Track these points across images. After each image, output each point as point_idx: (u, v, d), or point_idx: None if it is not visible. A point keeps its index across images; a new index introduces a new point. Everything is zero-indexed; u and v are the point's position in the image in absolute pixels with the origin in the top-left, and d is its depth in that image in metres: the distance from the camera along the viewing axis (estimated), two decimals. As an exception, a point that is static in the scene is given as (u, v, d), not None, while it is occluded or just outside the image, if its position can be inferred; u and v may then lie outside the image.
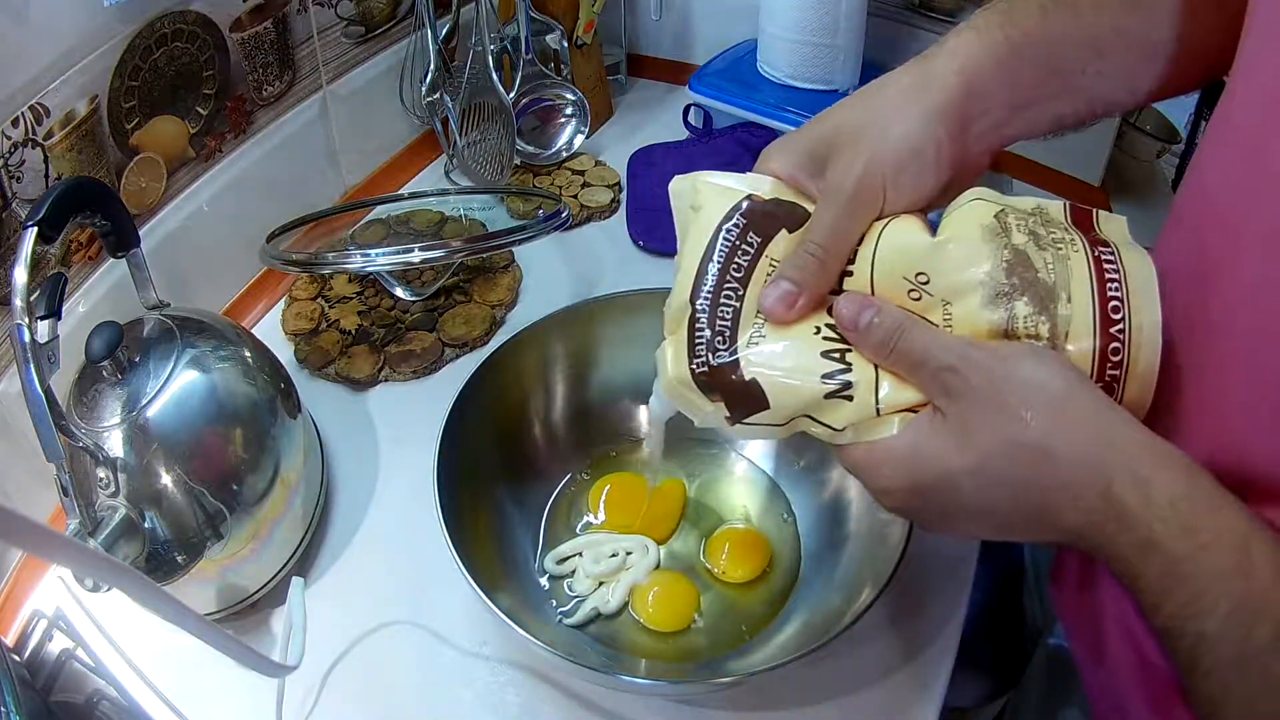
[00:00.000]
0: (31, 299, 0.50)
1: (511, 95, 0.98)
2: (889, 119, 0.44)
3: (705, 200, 0.47)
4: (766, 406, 0.43)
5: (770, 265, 0.45)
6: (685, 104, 1.08)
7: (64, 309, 0.52)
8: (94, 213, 0.58)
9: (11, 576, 0.66)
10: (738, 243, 0.45)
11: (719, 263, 0.45)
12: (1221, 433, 0.39)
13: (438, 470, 0.58)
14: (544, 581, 0.64)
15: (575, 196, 1.01)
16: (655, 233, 0.96)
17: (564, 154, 1.06)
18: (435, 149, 1.08)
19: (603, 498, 0.68)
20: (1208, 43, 0.47)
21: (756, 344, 0.43)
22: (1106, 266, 0.40)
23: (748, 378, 0.42)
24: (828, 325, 0.43)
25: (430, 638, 0.62)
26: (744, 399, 0.43)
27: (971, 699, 0.79)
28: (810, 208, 0.46)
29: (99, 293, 0.72)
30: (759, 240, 0.45)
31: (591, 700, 0.58)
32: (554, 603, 0.63)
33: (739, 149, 1.03)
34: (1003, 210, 0.42)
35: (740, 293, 0.44)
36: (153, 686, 0.59)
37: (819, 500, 0.67)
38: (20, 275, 0.50)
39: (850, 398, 0.41)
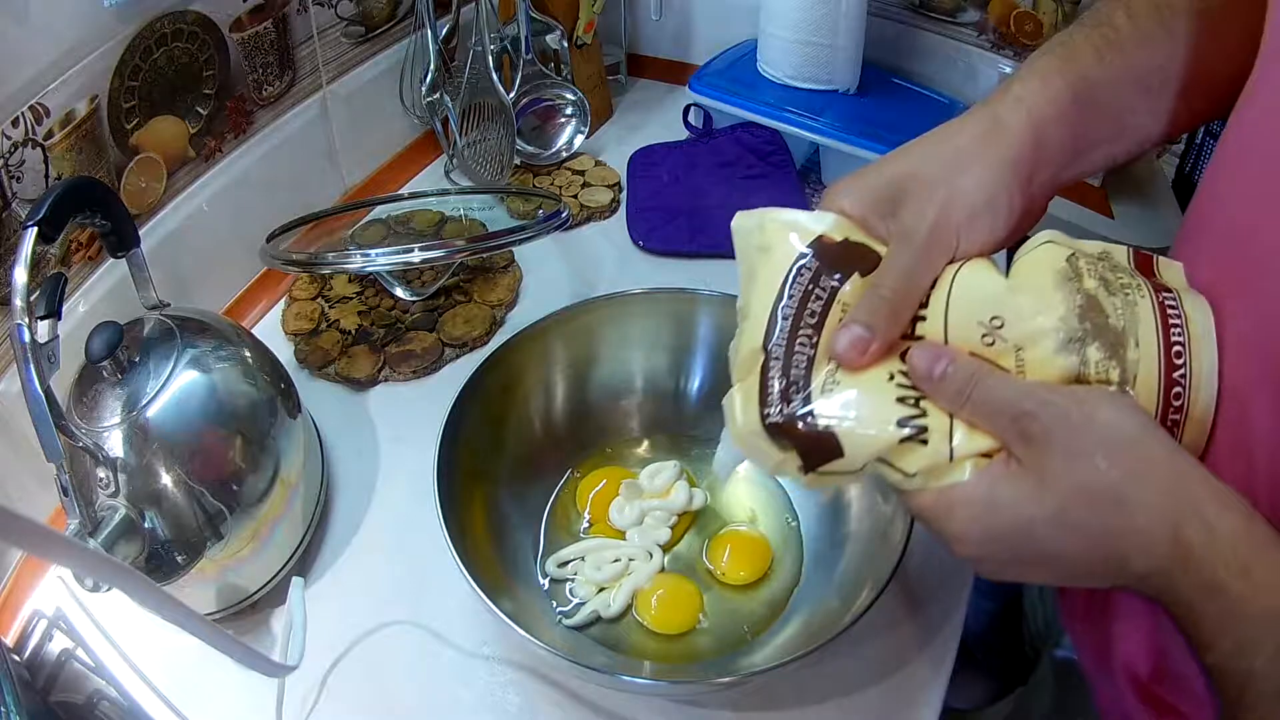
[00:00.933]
0: (31, 299, 0.50)
1: (511, 95, 0.98)
2: (963, 167, 0.44)
3: (773, 240, 0.46)
4: (841, 455, 0.42)
5: (842, 310, 0.44)
6: (685, 104, 1.08)
7: (64, 309, 0.52)
8: (94, 213, 0.57)
9: (11, 577, 0.66)
10: (810, 286, 0.44)
11: (792, 307, 0.44)
12: (1243, 457, 0.39)
13: (437, 470, 0.58)
14: (544, 583, 0.64)
15: (575, 196, 1.01)
16: (655, 233, 0.96)
17: (564, 154, 1.06)
18: (435, 149, 1.08)
19: (590, 497, 0.69)
20: (1231, 70, 0.46)
21: (830, 392, 0.42)
22: (1170, 312, 0.40)
23: (821, 427, 0.42)
24: (901, 371, 0.42)
25: (430, 638, 0.62)
26: (818, 448, 0.42)
27: (973, 701, 0.79)
28: (880, 249, 0.45)
29: (99, 293, 0.72)
30: (832, 285, 0.44)
31: (592, 701, 0.58)
32: (554, 604, 0.63)
33: (739, 149, 1.03)
34: (1074, 254, 0.42)
35: (814, 339, 0.43)
36: (153, 686, 0.59)
37: (820, 501, 0.67)
38: (20, 275, 0.50)
39: (925, 441, 0.41)
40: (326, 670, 0.60)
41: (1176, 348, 0.40)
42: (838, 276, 0.44)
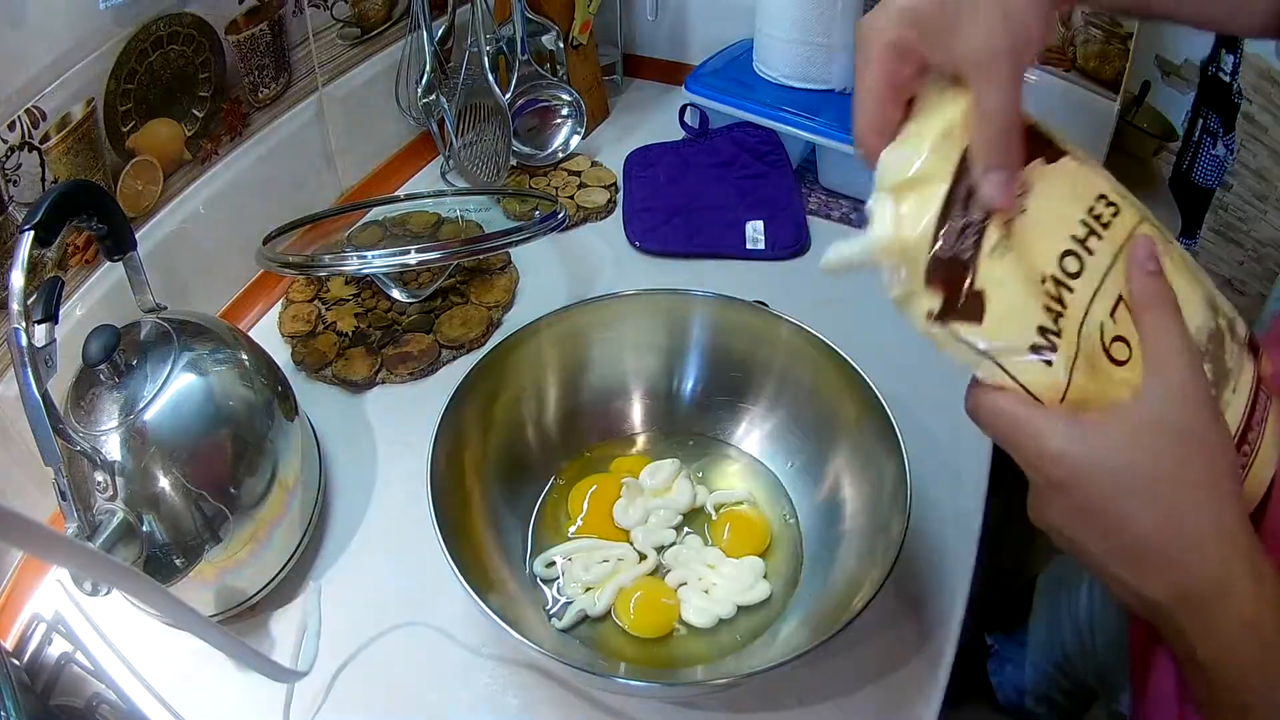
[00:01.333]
0: (28, 303, 0.50)
1: (507, 96, 0.98)
2: None
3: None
4: (980, 322, 0.40)
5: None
6: (681, 104, 1.08)
7: (61, 312, 0.52)
8: (90, 216, 0.58)
9: (10, 580, 0.66)
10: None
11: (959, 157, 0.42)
12: None
13: (432, 472, 0.58)
14: (540, 584, 0.64)
15: (571, 197, 1.01)
16: (652, 233, 0.96)
17: (560, 155, 1.07)
18: (431, 150, 1.08)
19: (585, 499, 0.69)
20: None
21: (1000, 256, 0.40)
22: (1260, 396, 0.44)
23: (978, 287, 0.40)
24: (1053, 278, 0.41)
25: (429, 639, 0.62)
26: (963, 304, 0.40)
27: None
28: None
29: (96, 296, 0.72)
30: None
31: (591, 702, 0.58)
32: (547, 604, 0.63)
33: (735, 149, 1.03)
34: (1212, 293, 0.45)
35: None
36: (152, 690, 0.59)
37: (815, 500, 0.67)
38: (17, 279, 0.50)
39: (1049, 363, 0.40)
40: (332, 674, 0.60)
41: (1255, 425, 0.43)
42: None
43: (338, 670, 0.60)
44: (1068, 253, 0.41)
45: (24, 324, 0.50)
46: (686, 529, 0.67)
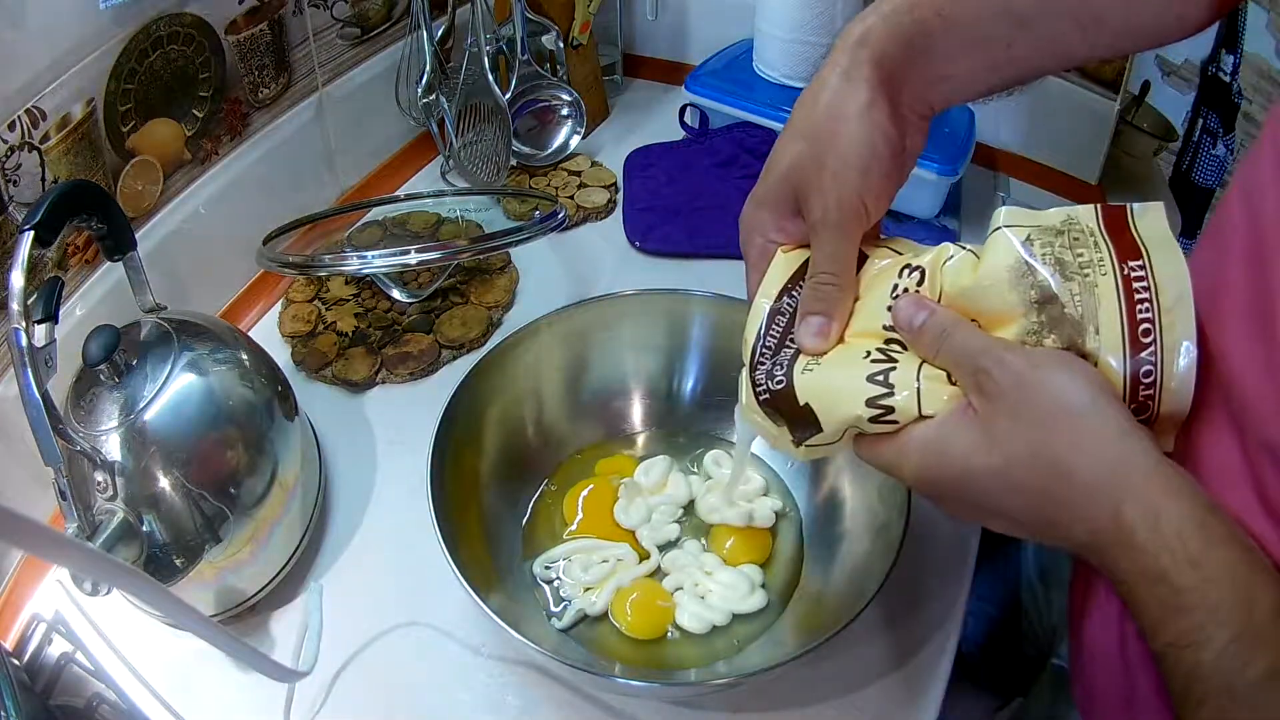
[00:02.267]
0: (28, 303, 0.50)
1: (507, 96, 0.98)
2: (833, 133, 0.46)
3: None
4: (820, 429, 0.45)
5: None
6: (681, 104, 1.08)
7: (61, 313, 0.52)
8: (90, 216, 0.57)
9: (10, 580, 0.66)
10: (789, 288, 0.50)
11: (772, 304, 0.50)
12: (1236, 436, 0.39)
13: (431, 472, 0.58)
14: (538, 583, 0.64)
15: (572, 197, 1.01)
16: (652, 233, 0.96)
17: (560, 155, 1.06)
18: (431, 150, 1.08)
19: (580, 500, 0.69)
20: (1144, 7, 0.47)
21: (811, 371, 0.46)
22: (1136, 285, 0.40)
23: (801, 403, 0.45)
24: (878, 350, 0.45)
25: (429, 639, 0.62)
26: (801, 422, 0.46)
27: (974, 717, 0.78)
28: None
29: (96, 296, 0.72)
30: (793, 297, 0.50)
31: (591, 702, 0.58)
32: (547, 604, 0.63)
33: (735, 149, 1.03)
34: (1029, 237, 0.42)
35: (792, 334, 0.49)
36: (152, 690, 0.59)
37: (815, 500, 0.67)
38: (17, 279, 0.50)
39: (895, 421, 0.43)
40: (333, 674, 0.60)
41: (1144, 325, 0.39)
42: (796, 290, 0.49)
43: (338, 670, 0.60)
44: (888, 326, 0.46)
45: (24, 324, 0.50)
46: (685, 537, 0.67)
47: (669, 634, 0.61)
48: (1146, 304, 0.39)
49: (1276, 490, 0.37)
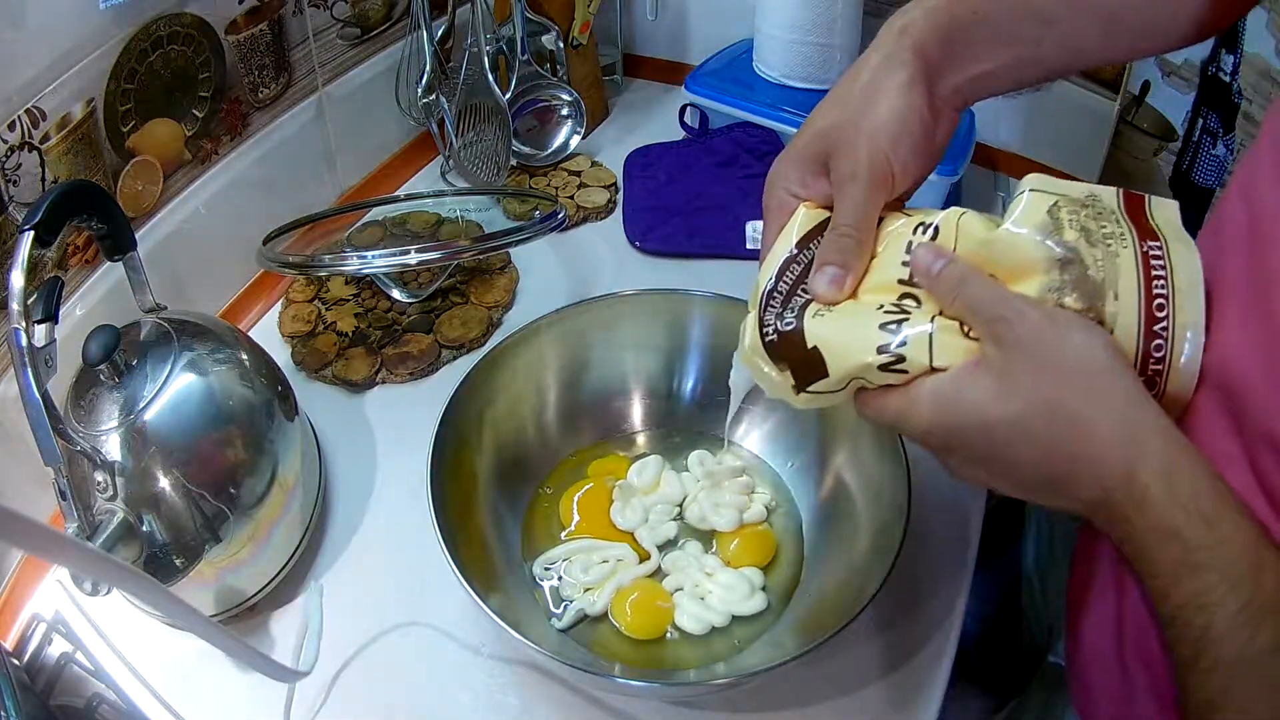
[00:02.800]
0: (29, 303, 0.50)
1: (507, 96, 0.98)
2: (872, 102, 0.47)
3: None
4: (826, 374, 0.45)
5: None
6: (681, 104, 1.08)
7: (61, 313, 0.52)
8: (90, 216, 0.57)
9: (10, 580, 0.66)
10: (807, 239, 0.50)
11: (791, 251, 0.50)
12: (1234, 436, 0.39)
13: (431, 473, 0.58)
14: (538, 583, 0.64)
15: (572, 197, 1.01)
16: (652, 233, 0.96)
17: (560, 155, 1.06)
18: (431, 150, 1.08)
19: (575, 502, 0.68)
20: (1161, 8, 0.49)
21: (821, 316, 0.46)
22: (1154, 263, 0.41)
23: (809, 345, 0.45)
24: (892, 304, 0.45)
25: (429, 639, 0.62)
26: (807, 367, 0.46)
27: (971, 717, 0.78)
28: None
29: (96, 296, 0.72)
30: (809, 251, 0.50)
31: (591, 702, 0.58)
32: (547, 605, 0.63)
33: (735, 149, 1.03)
34: (1056, 203, 0.43)
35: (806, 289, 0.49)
36: (152, 690, 0.59)
37: (815, 500, 0.67)
38: (17, 279, 0.50)
39: (905, 371, 0.43)
40: (333, 674, 0.60)
41: (1159, 300, 0.40)
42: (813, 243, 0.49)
43: (338, 670, 0.60)
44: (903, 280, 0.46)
45: (24, 324, 0.50)
46: (686, 537, 0.67)
47: (668, 634, 0.61)
48: (1162, 282, 0.40)
49: (1277, 479, 0.37)
